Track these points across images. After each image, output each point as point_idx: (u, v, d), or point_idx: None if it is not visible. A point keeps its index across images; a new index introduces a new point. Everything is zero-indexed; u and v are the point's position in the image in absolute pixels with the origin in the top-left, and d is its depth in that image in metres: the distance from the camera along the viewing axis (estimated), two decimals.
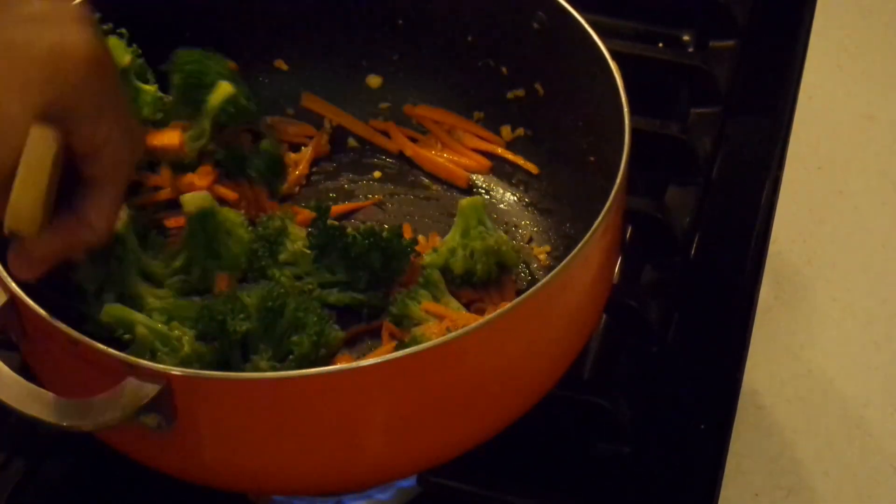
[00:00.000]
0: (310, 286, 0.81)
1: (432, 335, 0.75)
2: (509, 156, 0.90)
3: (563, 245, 0.85)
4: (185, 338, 0.74)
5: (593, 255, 0.70)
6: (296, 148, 0.92)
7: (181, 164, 0.87)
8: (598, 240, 0.69)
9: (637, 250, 0.89)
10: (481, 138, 0.91)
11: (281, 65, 0.93)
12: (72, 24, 0.63)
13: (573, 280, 0.69)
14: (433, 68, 0.92)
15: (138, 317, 0.75)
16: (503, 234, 0.83)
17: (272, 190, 0.89)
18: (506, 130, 0.90)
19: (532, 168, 0.89)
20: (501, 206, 0.89)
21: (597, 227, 0.68)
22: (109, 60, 0.65)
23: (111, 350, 0.62)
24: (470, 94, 0.92)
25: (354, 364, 0.64)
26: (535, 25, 0.84)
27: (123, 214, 0.77)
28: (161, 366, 0.62)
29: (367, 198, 0.89)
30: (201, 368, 0.73)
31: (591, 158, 0.83)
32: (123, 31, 0.84)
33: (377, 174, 0.91)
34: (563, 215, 0.86)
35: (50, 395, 0.61)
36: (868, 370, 0.83)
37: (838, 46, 1.05)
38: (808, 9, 1.07)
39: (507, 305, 0.65)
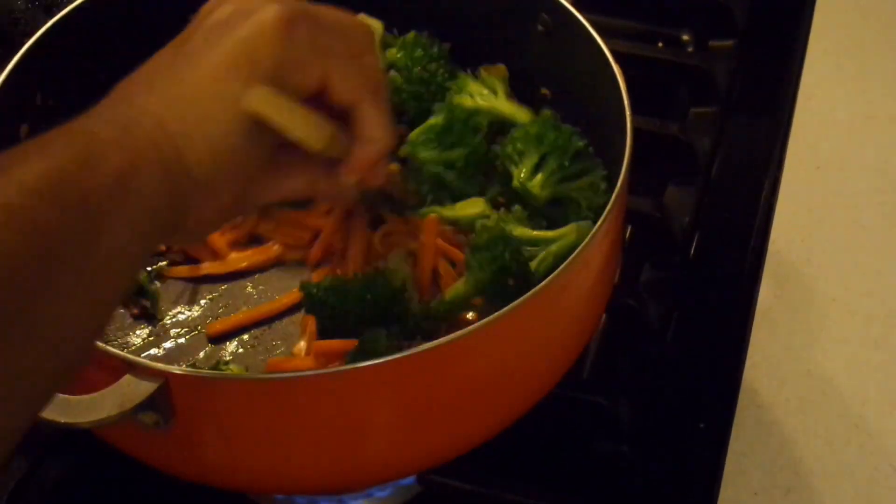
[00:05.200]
0: None
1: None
2: None
3: None
4: None
5: (594, 256, 0.70)
6: None
7: None
8: (599, 241, 0.69)
9: (636, 250, 0.89)
10: None
11: None
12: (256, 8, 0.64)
13: (574, 281, 0.69)
14: None
15: None
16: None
17: None
18: None
19: None
20: None
21: (598, 228, 0.68)
22: (301, 14, 0.64)
23: (109, 348, 0.62)
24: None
25: (354, 364, 0.63)
26: (540, 28, 0.84)
27: None
28: (159, 364, 0.62)
29: None
30: None
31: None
32: None
33: None
34: (566, 217, 0.86)
35: None
36: (867, 370, 0.83)
37: (838, 46, 1.05)
38: (808, 9, 1.07)
39: (509, 306, 0.65)
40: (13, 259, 0.49)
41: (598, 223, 0.68)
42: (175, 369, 0.62)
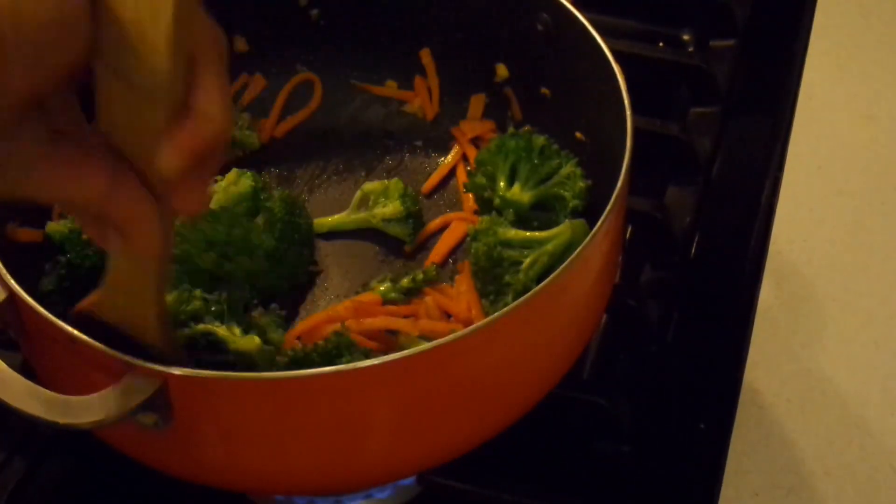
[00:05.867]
0: None
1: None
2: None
3: None
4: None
5: (594, 256, 0.70)
6: None
7: None
8: (599, 241, 0.69)
9: (637, 250, 0.89)
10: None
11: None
12: None
13: (574, 281, 0.69)
14: (437, 73, 0.92)
15: None
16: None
17: None
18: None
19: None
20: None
21: (598, 229, 0.68)
22: None
23: (109, 349, 0.62)
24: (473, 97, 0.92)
25: (354, 364, 0.63)
26: (540, 27, 0.84)
27: None
28: (159, 365, 0.62)
29: None
30: None
31: (593, 160, 0.83)
32: None
33: None
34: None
35: (46, 392, 0.61)
36: (868, 370, 0.83)
37: (838, 46, 1.05)
38: (808, 9, 1.07)
39: (509, 307, 0.65)
40: None
41: (599, 223, 0.68)
42: (175, 370, 0.62)
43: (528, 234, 0.78)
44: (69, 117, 0.54)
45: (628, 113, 0.74)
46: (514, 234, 0.78)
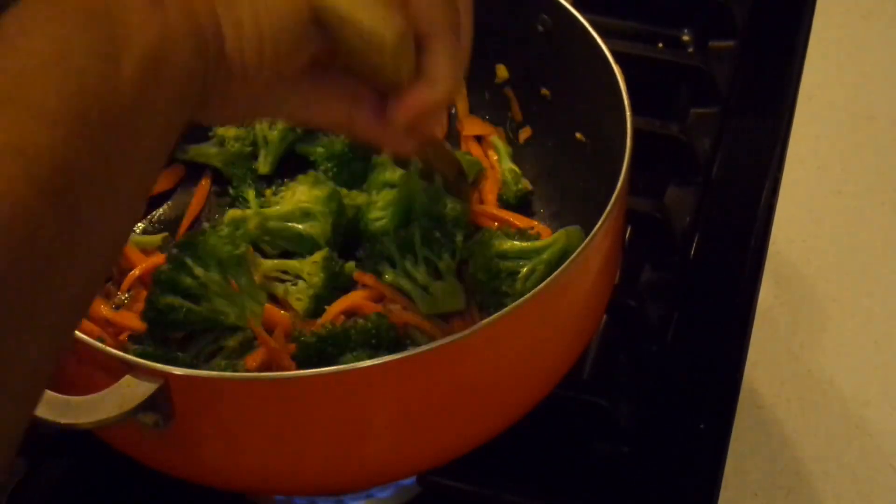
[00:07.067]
0: None
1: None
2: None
3: None
4: None
5: (594, 257, 0.70)
6: None
7: None
8: (599, 242, 0.69)
9: (637, 250, 0.89)
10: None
11: None
12: None
13: (574, 281, 0.69)
14: None
15: None
16: None
17: None
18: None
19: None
20: None
21: (598, 230, 0.68)
22: None
23: (109, 349, 0.62)
24: (473, 97, 0.92)
25: (355, 364, 0.63)
26: (540, 28, 0.84)
27: None
28: (159, 365, 0.62)
29: None
30: None
31: (593, 160, 0.83)
32: None
33: None
34: (566, 218, 0.86)
35: (46, 392, 0.61)
36: (868, 370, 0.83)
37: (838, 46, 1.05)
38: (808, 9, 1.07)
39: (509, 307, 0.65)
40: (35, 220, 0.42)
41: (598, 224, 0.68)
42: (175, 370, 0.62)
43: (523, 244, 0.78)
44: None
45: (628, 113, 0.74)
46: (509, 245, 0.78)
